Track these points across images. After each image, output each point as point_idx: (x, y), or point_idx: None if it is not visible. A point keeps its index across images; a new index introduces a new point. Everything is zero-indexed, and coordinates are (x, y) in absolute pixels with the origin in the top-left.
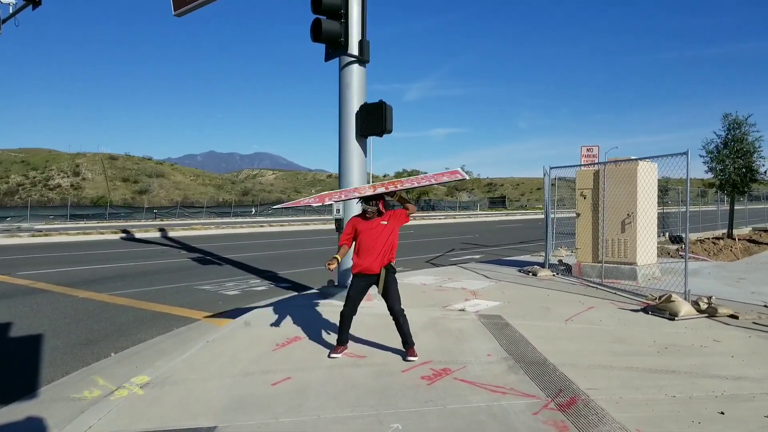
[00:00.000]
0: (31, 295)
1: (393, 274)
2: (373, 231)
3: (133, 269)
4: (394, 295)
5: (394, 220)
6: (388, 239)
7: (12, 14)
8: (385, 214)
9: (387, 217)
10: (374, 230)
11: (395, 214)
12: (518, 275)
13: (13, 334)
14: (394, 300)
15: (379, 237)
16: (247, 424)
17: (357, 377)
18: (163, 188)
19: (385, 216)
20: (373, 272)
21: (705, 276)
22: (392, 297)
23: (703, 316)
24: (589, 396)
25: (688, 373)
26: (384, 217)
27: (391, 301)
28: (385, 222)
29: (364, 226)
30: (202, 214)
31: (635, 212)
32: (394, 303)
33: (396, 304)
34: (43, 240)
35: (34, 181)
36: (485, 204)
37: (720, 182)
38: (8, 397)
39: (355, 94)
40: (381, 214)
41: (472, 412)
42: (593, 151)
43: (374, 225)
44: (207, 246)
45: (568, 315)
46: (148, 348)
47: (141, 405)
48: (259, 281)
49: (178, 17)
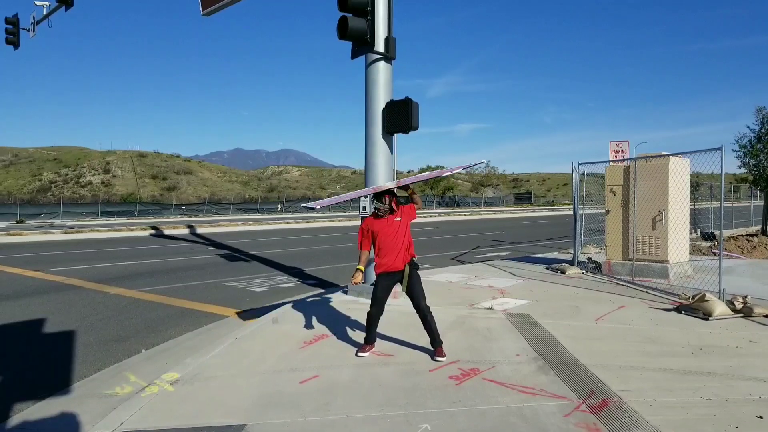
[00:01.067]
0: (63, 292)
1: (416, 270)
2: (390, 228)
3: (163, 266)
4: (419, 291)
5: (405, 215)
6: (405, 235)
7: (45, 15)
8: (398, 211)
9: (399, 213)
10: (391, 227)
11: (406, 209)
12: (546, 273)
13: (46, 330)
14: (419, 297)
15: (398, 234)
16: (275, 422)
17: (385, 376)
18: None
19: (398, 212)
20: (398, 269)
21: (739, 274)
22: (417, 294)
23: (738, 316)
24: (622, 398)
25: (723, 375)
26: (397, 214)
27: (417, 299)
28: (399, 218)
29: (380, 226)
30: (229, 211)
31: (667, 209)
32: (419, 300)
33: (422, 300)
34: (75, 237)
35: (66, 179)
36: (511, 200)
37: (754, 177)
38: (43, 393)
39: (381, 91)
40: (393, 212)
41: (501, 413)
42: (622, 147)
43: (390, 222)
44: (234, 242)
45: (599, 314)
46: (177, 345)
47: (171, 402)
48: (285, 278)
49: (206, 17)
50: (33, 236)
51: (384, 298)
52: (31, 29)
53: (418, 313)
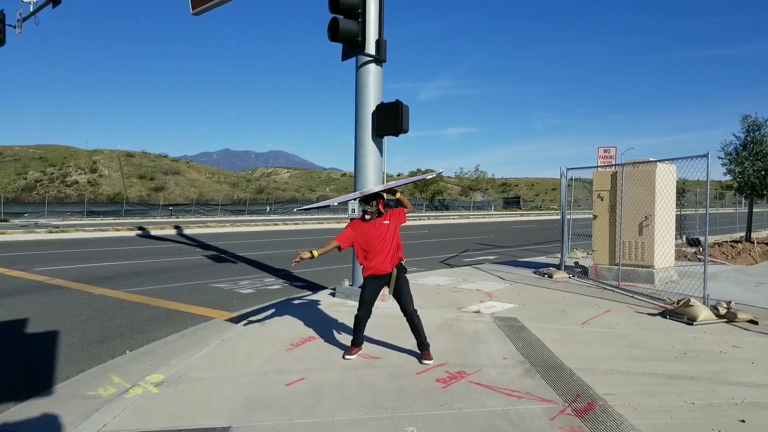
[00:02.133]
0: (47, 292)
1: (404, 273)
2: (378, 231)
3: (149, 266)
4: (407, 295)
5: (395, 218)
6: (394, 238)
7: (32, 12)
8: (386, 214)
9: (388, 217)
10: (379, 230)
11: (395, 213)
12: (534, 277)
13: (29, 330)
14: (407, 300)
15: (386, 237)
16: (261, 424)
17: (371, 379)
18: (178, 186)
19: (386, 215)
20: (386, 272)
21: (723, 280)
22: (405, 297)
23: (722, 321)
24: (607, 401)
25: (707, 380)
26: (385, 217)
27: (404, 302)
28: (387, 222)
29: (367, 228)
30: (217, 212)
31: (653, 215)
32: (407, 303)
33: (409, 304)
34: (60, 236)
35: (52, 178)
36: (500, 204)
37: (739, 184)
38: (24, 394)
39: (371, 93)
40: (381, 215)
41: (488, 416)
42: (610, 152)
43: (378, 225)
44: (222, 244)
45: (585, 318)
46: (163, 346)
47: (156, 403)
48: (273, 279)
49: (196, 16)
50: (17, 235)
51: (372, 301)
52: (18, 26)
53: (406, 316)
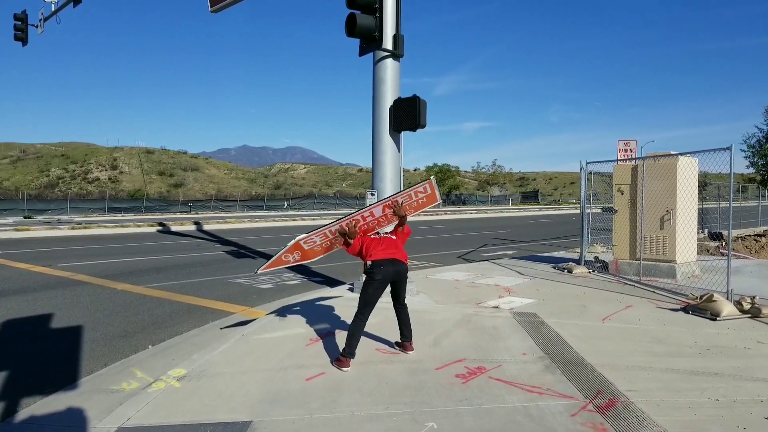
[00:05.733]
0: (71, 287)
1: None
2: (386, 239)
3: (169, 262)
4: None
5: (399, 236)
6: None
7: (54, 12)
8: (392, 232)
9: (394, 233)
10: (387, 239)
11: (399, 234)
12: (553, 272)
13: (54, 325)
14: (403, 292)
15: (395, 242)
16: (282, 419)
17: (390, 374)
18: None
19: (392, 233)
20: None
21: (747, 275)
22: (402, 290)
23: (746, 316)
24: (629, 398)
25: (731, 376)
26: (392, 233)
27: (401, 293)
28: (394, 237)
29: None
30: (235, 208)
31: (675, 209)
32: (402, 294)
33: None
34: (82, 232)
35: (74, 175)
36: (517, 199)
37: (762, 177)
38: (50, 388)
39: (389, 88)
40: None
41: (508, 412)
42: (630, 146)
43: (385, 239)
44: (240, 239)
45: (605, 314)
46: (184, 341)
47: (178, 398)
48: (291, 275)
49: (215, 13)
50: (40, 232)
51: (376, 300)
52: (40, 25)
53: (396, 305)
